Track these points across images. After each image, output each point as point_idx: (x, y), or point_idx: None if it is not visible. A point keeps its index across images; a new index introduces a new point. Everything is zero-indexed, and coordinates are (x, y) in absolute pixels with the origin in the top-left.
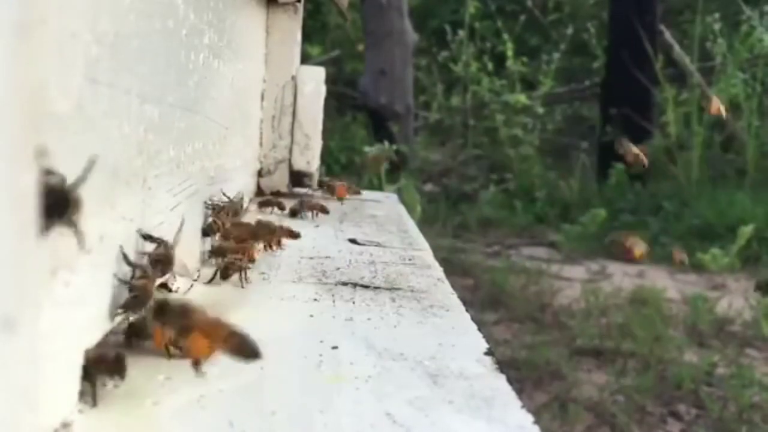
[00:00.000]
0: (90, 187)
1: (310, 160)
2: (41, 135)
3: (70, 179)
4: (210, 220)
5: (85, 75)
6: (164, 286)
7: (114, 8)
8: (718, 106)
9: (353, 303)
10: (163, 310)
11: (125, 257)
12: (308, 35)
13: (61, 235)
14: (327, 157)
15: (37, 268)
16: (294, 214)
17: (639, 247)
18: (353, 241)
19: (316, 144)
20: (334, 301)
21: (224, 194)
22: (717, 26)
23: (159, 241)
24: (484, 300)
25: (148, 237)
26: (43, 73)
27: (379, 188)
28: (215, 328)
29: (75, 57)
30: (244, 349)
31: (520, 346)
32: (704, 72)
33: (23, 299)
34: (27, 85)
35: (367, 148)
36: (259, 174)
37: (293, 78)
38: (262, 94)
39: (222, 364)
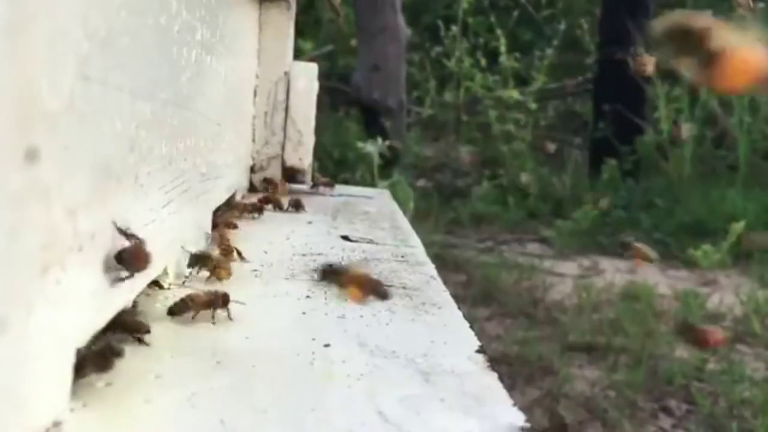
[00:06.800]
0: (81, 185)
1: (302, 156)
2: (32, 134)
3: None
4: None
5: (76, 72)
6: (155, 283)
7: (105, 5)
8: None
9: (345, 300)
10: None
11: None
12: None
13: (51, 232)
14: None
15: (27, 267)
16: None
17: None
18: (346, 237)
19: (309, 140)
20: (326, 299)
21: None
22: None
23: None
24: (477, 295)
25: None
26: (34, 71)
27: (372, 184)
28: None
29: (66, 54)
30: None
31: (512, 342)
32: None
33: (14, 298)
34: (17, 84)
35: (360, 144)
36: (252, 170)
37: (286, 74)
38: (254, 90)
39: (214, 362)
